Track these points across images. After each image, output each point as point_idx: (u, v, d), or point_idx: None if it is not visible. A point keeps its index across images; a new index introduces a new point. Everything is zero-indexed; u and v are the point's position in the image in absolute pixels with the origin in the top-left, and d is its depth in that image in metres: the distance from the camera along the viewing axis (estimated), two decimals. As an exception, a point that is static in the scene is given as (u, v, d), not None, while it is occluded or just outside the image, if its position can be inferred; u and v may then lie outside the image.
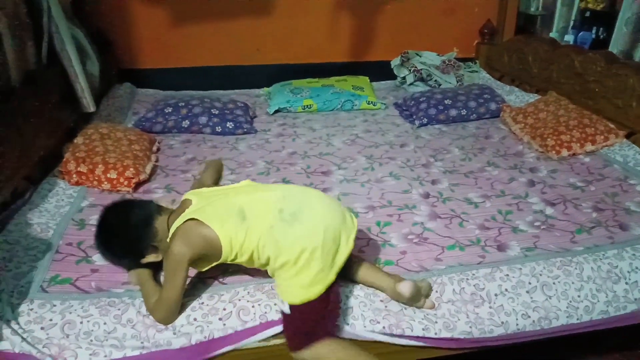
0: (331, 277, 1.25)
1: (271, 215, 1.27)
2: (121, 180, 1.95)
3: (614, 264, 1.47)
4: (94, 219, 1.72)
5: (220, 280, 1.43)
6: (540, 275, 1.43)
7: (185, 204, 1.34)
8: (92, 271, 1.45)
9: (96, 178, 1.94)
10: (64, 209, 1.78)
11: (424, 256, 1.54)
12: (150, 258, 1.31)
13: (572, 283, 1.43)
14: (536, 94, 2.85)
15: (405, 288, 1.29)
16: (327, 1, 3.23)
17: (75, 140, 2.12)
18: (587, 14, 3.46)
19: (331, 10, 3.26)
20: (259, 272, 1.43)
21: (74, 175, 1.95)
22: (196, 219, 1.25)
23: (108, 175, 1.94)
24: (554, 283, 1.42)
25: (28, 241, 1.53)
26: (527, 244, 1.59)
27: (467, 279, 1.42)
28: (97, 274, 1.44)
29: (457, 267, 1.48)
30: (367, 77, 3.29)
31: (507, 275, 1.43)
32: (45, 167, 2.01)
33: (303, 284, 1.22)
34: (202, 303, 1.34)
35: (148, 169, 2.10)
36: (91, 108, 2.32)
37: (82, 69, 2.29)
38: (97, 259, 1.51)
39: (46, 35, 2.10)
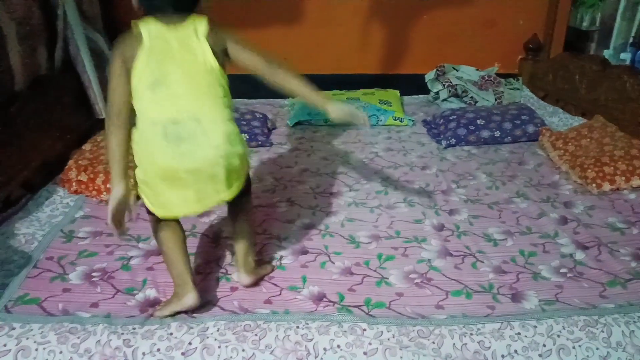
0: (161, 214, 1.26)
1: (163, 116, 1.18)
2: (122, 190, 1.88)
3: (652, 330, 1.24)
4: (84, 231, 1.68)
5: (190, 314, 1.31)
6: (558, 336, 1.22)
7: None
8: (64, 290, 1.38)
9: (96, 188, 1.89)
10: (56, 219, 1.73)
11: (424, 301, 1.36)
12: None
13: (597, 349, 1.21)
14: (582, 117, 2.58)
15: (245, 281, 1.38)
16: (359, 10, 3.09)
17: (83, 147, 2.09)
18: (649, 30, 3.14)
19: (363, 20, 3.12)
20: (231, 305, 1.32)
21: (74, 184, 1.90)
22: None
23: (108, 185, 1.88)
24: (573, 347, 1.21)
25: (8, 254, 1.48)
26: (548, 296, 1.37)
27: (471, 333, 1.23)
28: (68, 294, 1.37)
29: (460, 318, 1.29)
30: (398, 91, 3.12)
31: (519, 333, 1.23)
32: (50, 172, 1.99)
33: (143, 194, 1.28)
34: (171, 334, 1.23)
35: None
36: (103, 114, 2.29)
37: (98, 74, 2.26)
38: (73, 277, 1.44)
39: (61, 40, 2.09)
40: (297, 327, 1.24)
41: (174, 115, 1.18)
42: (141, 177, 1.25)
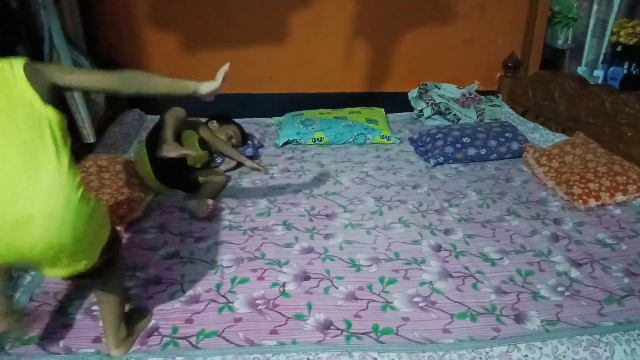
0: None
1: None
2: (113, 218, 1.84)
3: (651, 347, 1.28)
4: (77, 262, 1.63)
5: (195, 344, 1.29)
6: (564, 357, 1.25)
7: None
8: (64, 327, 1.33)
9: (87, 215, 1.84)
10: (47, 250, 1.67)
11: (430, 325, 1.37)
12: None
13: (601, 368, 1.24)
14: (562, 134, 2.67)
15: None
16: (343, 30, 3.13)
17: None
18: (619, 48, 3.28)
19: (346, 38, 3.16)
20: (236, 337, 1.30)
21: (64, 212, 1.85)
22: None
23: (99, 212, 1.84)
24: (579, 367, 1.24)
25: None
26: (549, 316, 1.40)
27: (480, 357, 1.25)
28: (68, 331, 1.32)
29: (468, 342, 1.30)
30: (383, 109, 3.17)
31: (526, 355, 1.25)
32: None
33: None
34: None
35: (144, 205, 1.99)
36: (91, 139, 2.24)
37: (85, 98, 2.22)
38: (73, 310, 1.39)
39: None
40: (308, 358, 1.23)
41: None
42: None
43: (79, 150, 2.30)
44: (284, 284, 1.54)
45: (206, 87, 1.33)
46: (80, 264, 1.04)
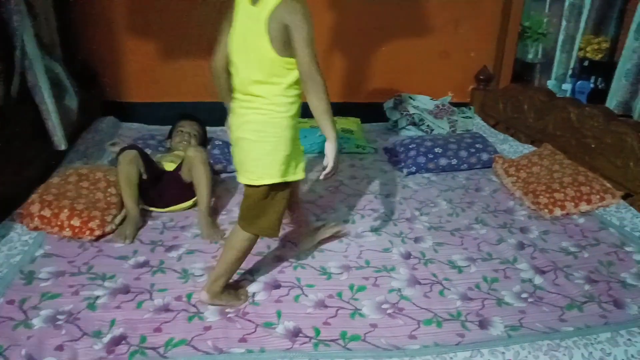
0: None
1: None
2: (84, 229, 1.81)
3: (607, 351, 1.33)
4: (45, 271, 1.61)
5: (162, 353, 1.29)
6: (524, 361, 1.29)
7: None
8: (28, 337, 1.31)
9: (58, 223, 1.81)
10: (14, 259, 1.64)
11: (397, 332, 1.39)
12: None
13: (560, 372, 1.28)
14: (531, 145, 2.75)
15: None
16: (320, 41, 3.15)
17: (50, 180, 2.00)
18: (586, 63, 3.40)
19: (324, 50, 3.19)
20: (205, 345, 1.30)
21: (35, 219, 1.82)
22: None
23: (71, 222, 1.81)
24: (539, 371, 1.27)
25: (-37, 299, 1.40)
26: (512, 321, 1.44)
27: (443, 362, 1.28)
28: (33, 340, 1.30)
29: (432, 347, 1.33)
30: (359, 119, 3.21)
31: (488, 360, 1.28)
32: (6, 207, 1.90)
33: None
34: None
35: (119, 218, 1.95)
36: (62, 146, 2.22)
37: (58, 105, 2.20)
38: (36, 322, 1.37)
39: (18, 70, 2.02)
40: (275, 365, 1.24)
41: None
42: None
43: (50, 158, 2.28)
44: (253, 294, 1.55)
45: (329, 148, 1.44)
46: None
